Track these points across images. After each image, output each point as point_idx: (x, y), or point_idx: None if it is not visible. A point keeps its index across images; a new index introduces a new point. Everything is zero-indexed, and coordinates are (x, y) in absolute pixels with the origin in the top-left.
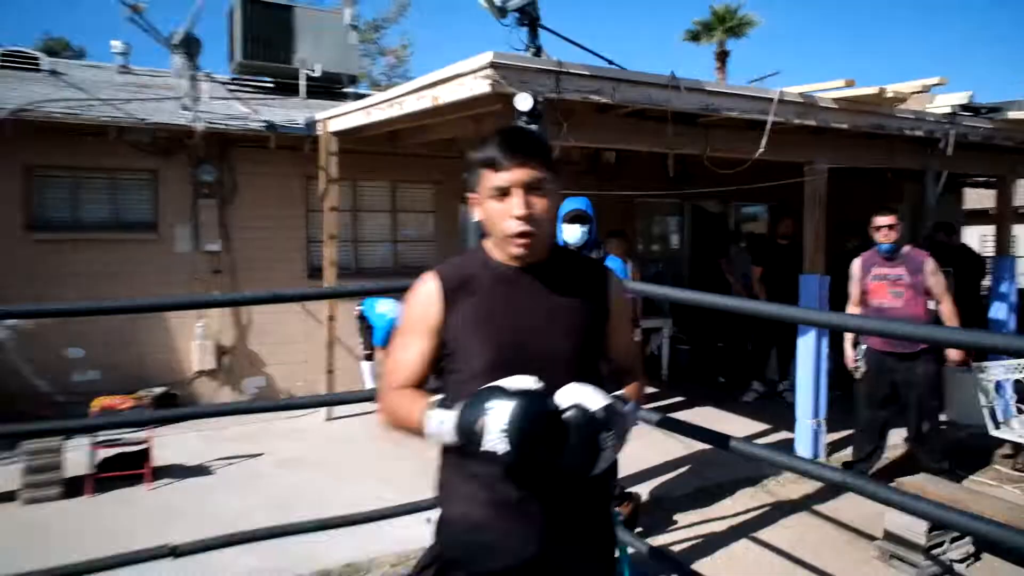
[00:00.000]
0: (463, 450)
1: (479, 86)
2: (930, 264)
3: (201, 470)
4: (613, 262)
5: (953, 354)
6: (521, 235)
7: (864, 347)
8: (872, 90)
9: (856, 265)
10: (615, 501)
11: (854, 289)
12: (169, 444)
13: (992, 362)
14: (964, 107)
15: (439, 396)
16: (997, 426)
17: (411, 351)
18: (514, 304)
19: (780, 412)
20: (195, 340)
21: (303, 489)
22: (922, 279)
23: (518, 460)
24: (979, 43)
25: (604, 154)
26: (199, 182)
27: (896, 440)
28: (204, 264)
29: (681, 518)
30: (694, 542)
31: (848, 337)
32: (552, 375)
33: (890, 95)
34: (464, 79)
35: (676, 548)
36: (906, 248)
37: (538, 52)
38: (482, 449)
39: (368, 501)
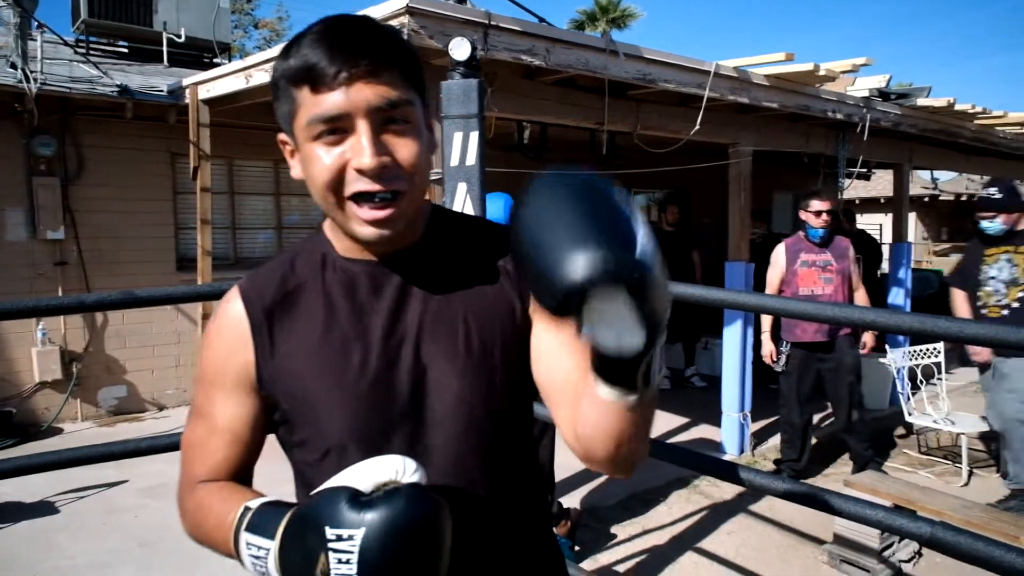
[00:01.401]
0: None
1: None
2: (851, 250)
3: (43, 508)
4: None
5: (870, 339)
6: (371, 199)
7: (786, 343)
8: (807, 66)
9: (780, 251)
10: (551, 521)
11: (775, 276)
12: None
13: (895, 349)
14: (878, 92)
15: (258, 502)
16: (910, 412)
17: (217, 422)
18: (375, 323)
19: (693, 401)
20: (35, 346)
21: (175, 524)
22: (847, 265)
23: None
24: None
25: (530, 127)
26: (34, 156)
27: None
28: (44, 255)
29: (619, 530)
30: (639, 559)
31: (766, 329)
32: (451, 441)
33: (823, 73)
34: None
35: (620, 568)
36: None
37: (462, 0)
38: None
39: None
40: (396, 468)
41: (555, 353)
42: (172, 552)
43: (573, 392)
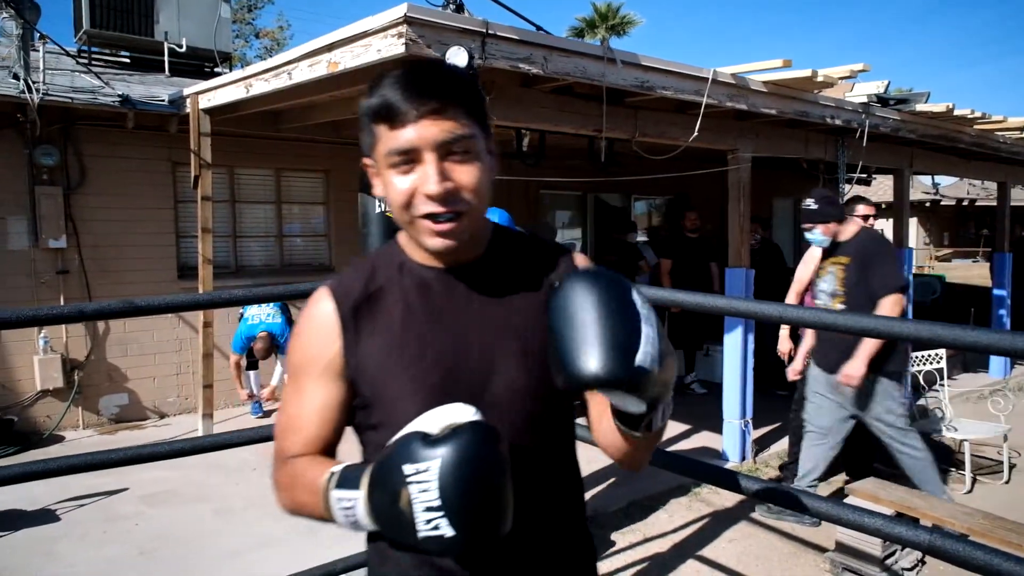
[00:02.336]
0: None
1: (390, 47)
2: None
3: (43, 516)
4: None
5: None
6: (438, 219)
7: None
8: (804, 73)
9: (816, 250)
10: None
11: (804, 273)
12: None
13: None
14: (877, 98)
15: (342, 465)
16: (912, 418)
17: (307, 404)
18: (446, 324)
19: (694, 408)
20: (37, 354)
21: (175, 532)
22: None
23: (474, 543)
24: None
25: (529, 135)
26: (37, 166)
27: None
28: (46, 263)
29: (619, 538)
30: (640, 567)
31: (785, 327)
32: (508, 419)
33: (821, 79)
34: (371, 39)
35: None
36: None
37: (460, 9)
38: (421, 540)
39: (258, 543)
40: (457, 413)
41: None
42: (172, 560)
43: (603, 401)
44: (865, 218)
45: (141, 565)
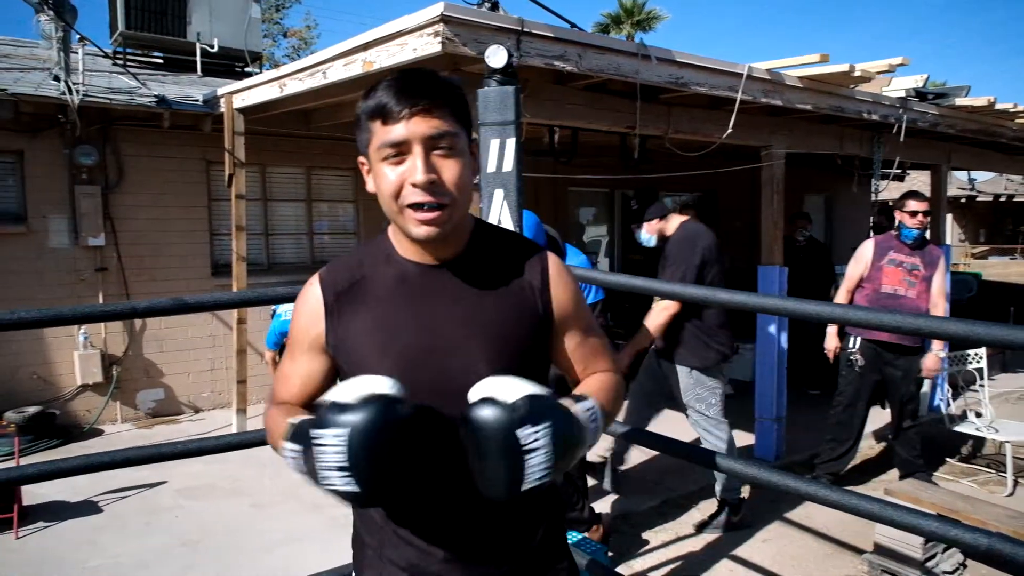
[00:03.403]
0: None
1: (426, 46)
2: (943, 262)
3: (86, 507)
4: (575, 256)
5: (931, 362)
6: (422, 207)
7: (855, 338)
8: (842, 68)
9: (868, 246)
10: (583, 526)
11: (856, 271)
12: None
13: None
14: (915, 92)
15: (299, 419)
16: (952, 419)
17: (296, 368)
18: (420, 315)
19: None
20: (77, 350)
21: (214, 524)
22: (934, 273)
23: (377, 498)
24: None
25: (560, 132)
26: (77, 166)
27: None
28: (86, 261)
29: (651, 537)
30: (673, 565)
31: (833, 325)
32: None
33: (858, 74)
34: (407, 38)
35: (655, 574)
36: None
37: (495, 7)
38: (333, 491)
39: (294, 536)
40: (372, 384)
41: (565, 350)
42: (213, 552)
43: (573, 374)
44: (913, 214)
45: (184, 556)
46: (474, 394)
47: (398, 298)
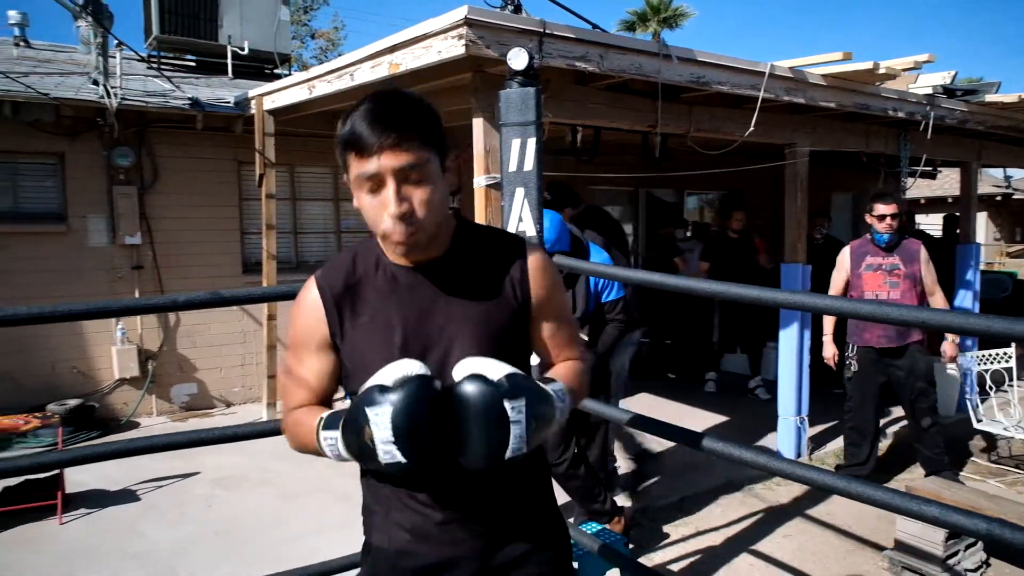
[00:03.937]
0: (369, 468)
1: (450, 48)
2: (924, 253)
3: (124, 496)
4: (598, 254)
5: (950, 349)
6: (398, 236)
7: (852, 346)
8: (866, 65)
9: (845, 254)
10: (604, 518)
11: (839, 279)
12: (85, 466)
13: (962, 353)
14: (943, 89)
15: (328, 413)
16: (979, 419)
17: (306, 369)
18: (411, 312)
19: (750, 406)
20: (115, 344)
21: (247, 513)
22: (917, 268)
23: (421, 466)
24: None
25: (582, 131)
26: (114, 167)
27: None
28: (123, 259)
29: (671, 530)
30: (692, 559)
31: (828, 332)
32: None
33: (883, 71)
34: (431, 40)
35: (675, 568)
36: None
37: (517, 9)
38: (383, 465)
39: (324, 524)
40: (407, 367)
41: (541, 338)
42: (247, 540)
43: (549, 358)
44: (881, 218)
45: (218, 545)
46: (459, 371)
47: (390, 298)
